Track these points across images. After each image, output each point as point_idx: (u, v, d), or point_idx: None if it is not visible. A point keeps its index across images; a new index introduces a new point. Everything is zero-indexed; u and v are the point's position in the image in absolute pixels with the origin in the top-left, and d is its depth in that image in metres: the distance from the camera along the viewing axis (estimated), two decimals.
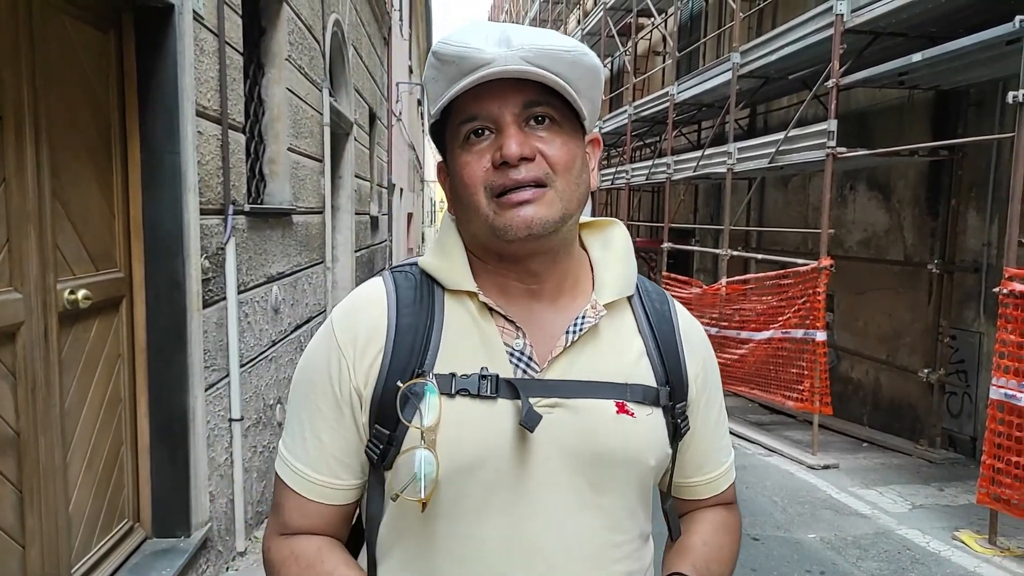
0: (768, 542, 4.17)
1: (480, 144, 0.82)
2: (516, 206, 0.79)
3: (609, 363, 0.86)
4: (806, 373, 6.07)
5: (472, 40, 0.78)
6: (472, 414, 0.80)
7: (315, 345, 0.89)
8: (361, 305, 0.88)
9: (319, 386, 0.86)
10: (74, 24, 2.44)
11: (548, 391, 0.82)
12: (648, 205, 13.98)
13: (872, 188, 7.33)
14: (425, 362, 0.82)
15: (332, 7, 6.53)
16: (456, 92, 0.79)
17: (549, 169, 0.81)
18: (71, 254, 2.40)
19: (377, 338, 0.84)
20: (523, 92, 0.80)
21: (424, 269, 0.89)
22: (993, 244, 5.88)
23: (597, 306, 0.87)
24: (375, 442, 0.82)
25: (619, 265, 0.92)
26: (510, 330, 0.85)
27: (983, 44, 4.46)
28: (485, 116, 0.81)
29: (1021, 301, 3.88)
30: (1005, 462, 3.94)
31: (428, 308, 0.85)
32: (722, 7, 10.63)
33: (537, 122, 0.81)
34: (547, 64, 0.78)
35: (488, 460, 0.80)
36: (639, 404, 0.85)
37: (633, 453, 0.84)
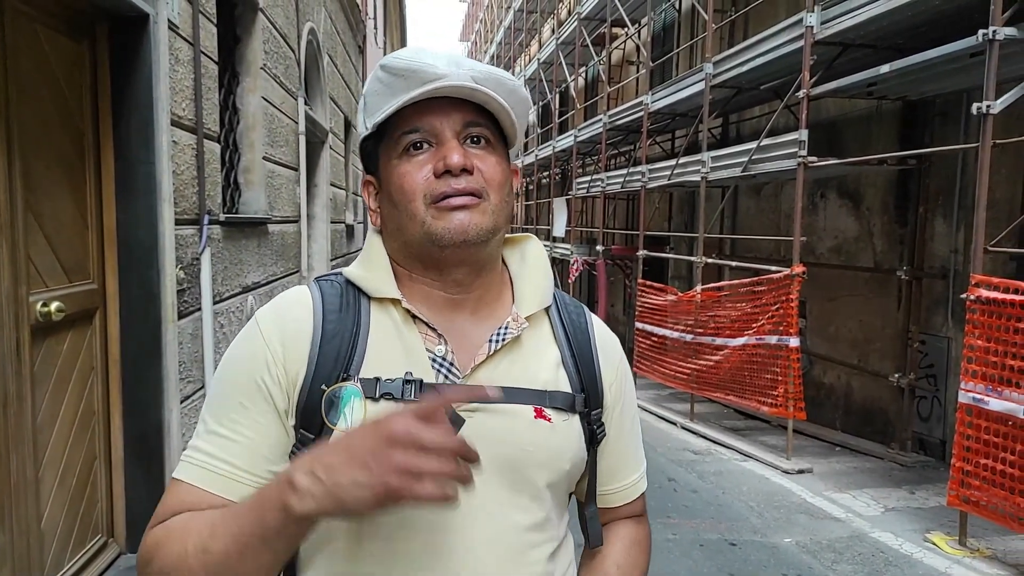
0: (745, 547, 4.21)
1: (419, 156, 0.86)
2: (453, 210, 0.84)
3: (528, 372, 0.89)
4: (780, 379, 6.15)
5: (424, 56, 0.83)
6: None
7: (239, 346, 0.88)
8: (287, 309, 0.89)
9: (244, 384, 0.84)
10: (47, 33, 2.41)
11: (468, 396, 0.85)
12: (623, 213, 14.08)
13: (842, 196, 7.47)
14: (350, 367, 0.83)
15: (307, 16, 6.51)
16: (410, 99, 0.83)
17: (484, 183, 0.86)
18: (44, 266, 2.37)
19: (303, 342, 0.85)
20: (464, 112, 0.86)
21: (349, 278, 0.91)
22: (960, 251, 6.01)
23: (519, 318, 0.91)
24: (299, 448, 0.82)
25: (537, 278, 0.97)
26: (432, 337, 0.87)
27: (948, 56, 4.57)
28: (428, 130, 0.85)
29: (988, 307, 3.97)
30: (974, 465, 4.02)
31: (354, 315, 0.87)
32: (694, 18, 10.77)
33: (473, 142, 0.87)
34: (493, 87, 0.85)
35: None
36: (556, 410, 0.88)
37: (550, 456, 0.87)
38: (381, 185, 0.91)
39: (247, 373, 0.85)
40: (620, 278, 13.56)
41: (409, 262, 0.91)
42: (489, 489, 0.84)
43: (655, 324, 8.75)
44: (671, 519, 4.65)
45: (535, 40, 19.05)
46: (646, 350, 9.00)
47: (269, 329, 0.86)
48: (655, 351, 8.80)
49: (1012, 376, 3.82)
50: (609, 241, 12.17)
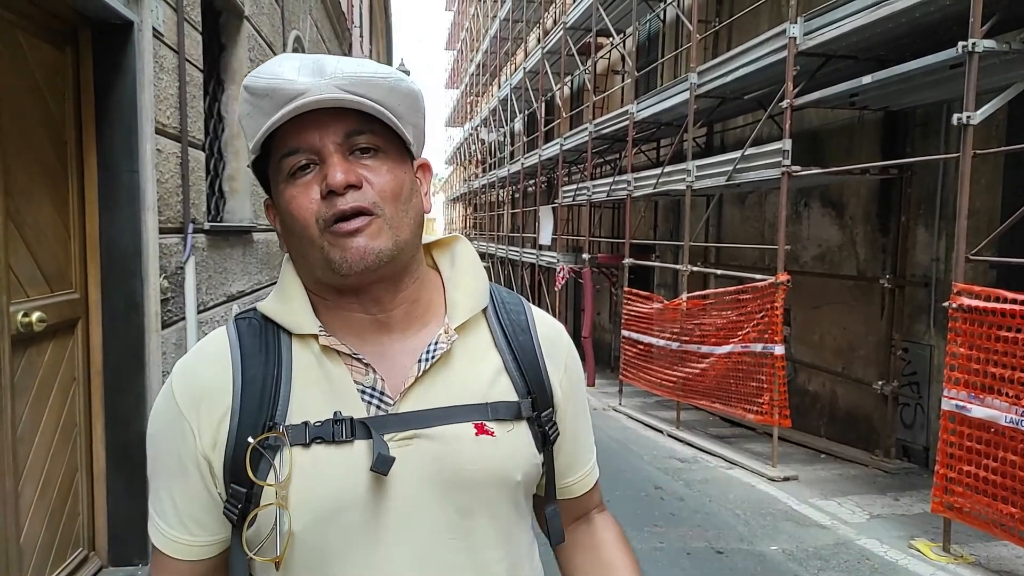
0: (732, 555, 4.21)
1: (305, 177, 0.79)
2: (347, 236, 0.78)
3: (466, 385, 0.85)
4: (765, 386, 6.18)
5: (284, 71, 0.77)
6: (329, 461, 0.78)
7: (158, 408, 0.85)
8: (201, 364, 0.84)
9: (164, 450, 0.83)
10: (29, 40, 2.39)
11: (404, 424, 0.81)
12: (609, 221, 14.14)
13: (826, 205, 7.54)
14: (276, 414, 0.79)
15: (293, 24, 6.50)
16: (271, 126, 0.77)
17: (376, 197, 0.79)
18: (25, 275, 2.33)
19: (222, 397, 0.80)
20: (344, 122, 0.79)
21: (265, 314, 0.85)
22: (941, 259, 6.08)
23: (449, 330, 0.86)
24: (232, 502, 0.79)
25: (468, 281, 0.91)
26: (359, 368, 0.82)
27: (928, 68, 4.64)
28: (307, 148, 0.79)
29: (970, 315, 4.02)
30: (957, 471, 4.06)
31: (275, 356, 0.82)
32: (678, 29, 10.86)
33: (362, 152, 0.80)
34: (363, 91, 0.78)
35: (344, 505, 0.78)
36: (499, 422, 0.84)
37: (497, 472, 0.84)
38: (278, 209, 0.84)
39: (167, 442, 0.82)
40: (606, 286, 13.60)
41: (321, 289, 0.85)
42: (438, 517, 0.81)
43: (641, 332, 8.78)
44: (658, 527, 4.65)
45: (521, 49, 19.12)
46: (632, 358, 9.03)
47: (182, 393, 0.82)
48: (641, 359, 8.82)
49: (994, 383, 3.86)
50: (595, 249, 12.20)
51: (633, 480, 5.80)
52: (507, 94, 18.04)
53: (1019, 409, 3.69)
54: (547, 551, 0.97)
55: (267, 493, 0.77)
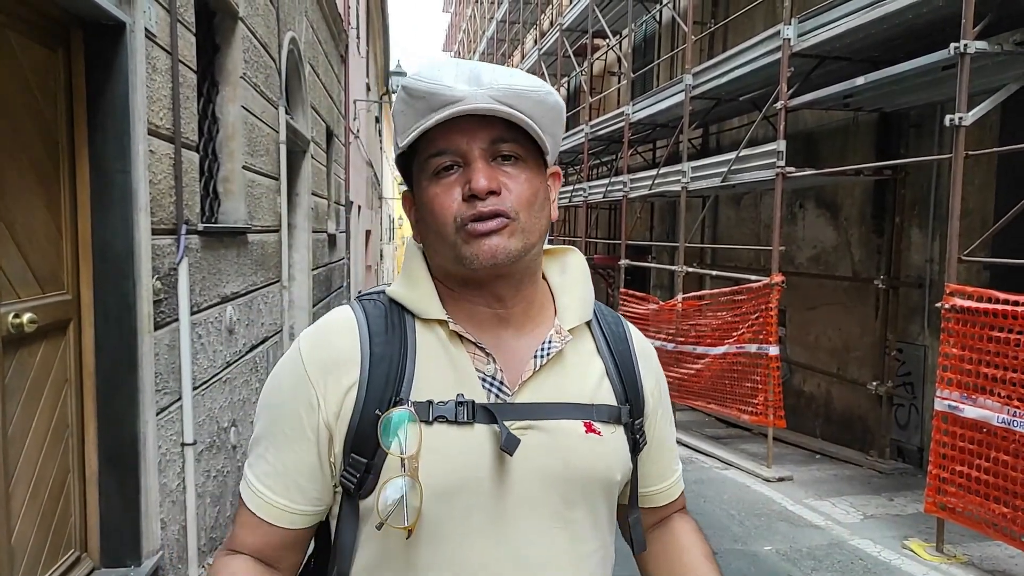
0: (726, 555, 4.22)
1: (449, 177, 0.85)
2: (481, 236, 0.83)
3: (574, 385, 0.90)
4: (760, 387, 6.19)
5: (443, 77, 0.81)
6: (451, 440, 0.83)
7: (283, 371, 0.90)
8: (332, 334, 0.88)
9: (285, 413, 0.87)
10: (20, 40, 2.39)
11: (520, 414, 0.86)
12: (605, 222, 14.15)
13: (820, 206, 7.55)
14: (401, 390, 0.84)
15: (288, 25, 6.50)
16: (426, 127, 0.82)
17: (513, 203, 0.84)
18: (16, 276, 2.33)
19: (351, 368, 0.85)
20: (490, 129, 0.83)
21: (393, 298, 0.91)
22: (935, 260, 6.10)
23: (562, 331, 0.91)
24: (351, 471, 0.83)
25: (579, 290, 0.97)
26: (481, 356, 0.88)
27: (921, 69, 4.66)
28: (454, 151, 0.84)
29: (962, 316, 4.03)
30: (950, 472, 4.07)
31: (400, 337, 0.87)
32: (674, 30, 10.87)
33: (503, 159, 0.85)
34: (515, 103, 0.82)
35: (468, 484, 0.83)
36: (604, 423, 0.89)
37: (601, 470, 0.89)
38: (417, 203, 0.91)
39: (289, 405, 0.86)
40: (602, 287, 13.60)
41: (449, 279, 0.91)
42: (546, 505, 0.86)
43: None
44: None
45: (518, 50, 19.13)
46: None
47: (312, 360, 0.87)
48: None
49: (986, 384, 3.87)
50: (591, 250, 12.20)
51: None
52: None
53: (1011, 409, 3.70)
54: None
55: (390, 465, 0.81)
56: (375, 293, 0.93)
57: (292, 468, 0.86)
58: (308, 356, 0.87)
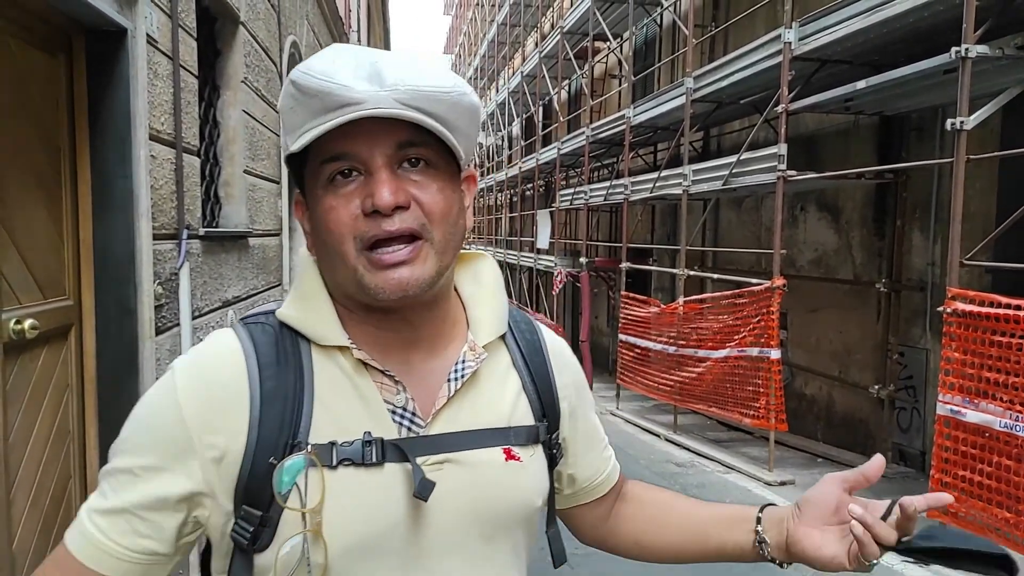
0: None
1: (347, 187, 0.73)
2: (387, 268, 0.72)
3: (491, 407, 0.82)
4: (762, 390, 6.19)
5: (339, 73, 0.70)
6: (358, 486, 0.73)
7: (152, 407, 0.76)
8: (214, 367, 0.75)
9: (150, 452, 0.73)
10: (21, 47, 2.39)
11: (436, 447, 0.77)
12: (607, 225, 14.15)
13: (822, 209, 7.55)
14: (299, 432, 0.73)
15: (289, 29, 6.51)
16: (320, 132, 0.70)
17: (425, 219, 0.74)
18: (17, 282, 2.33)
19: (238, 409, 0.73)
20: (396, 132, 0.72)
21: (285, 322, 0.78)
22: (937, 264, 6.09)
23: (476, 348, 0.83)
24: (243, 525, 0.73)
25: (493, 301, 0.88)
26: (389, 386, 0.78)
27: (923, 73, 4.65)
28: (353, 156, 0.72)
29: (964, 320, 4.03)
30: (953, 476, 4.06)
31: (295, 368, 0.76)
32: (675, 33, 10.89)
33: (411, 164, 0.74)
34: (424, 106, 0.71)
35: (379, 533, 0.74)
36: (523, 447, 0.83)
37: (525, 500, 0.83)
38: (310, 211, 0.78)
39: (157, 442, 0.73)
40: (604, 290, 13.60)
41: (349, 300, 0.79)
42: (466, 545, 0.79)
43: (638, 336, 8.78)
44: None
45: (519, 53, 19.16)
46: (629, 362, 9.03)
47: (190, 397, 0.74)
48: (638, 363, 8.83)
49: (988, 388, 3.87)
50: (593, 253, 12.21)
51: None
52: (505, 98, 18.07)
53: (1013, 414, 3.70)
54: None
55: (292, 518, 0.71)
56: (262, 315, 0.80)
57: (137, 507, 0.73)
58: (185, 392, 0.74)
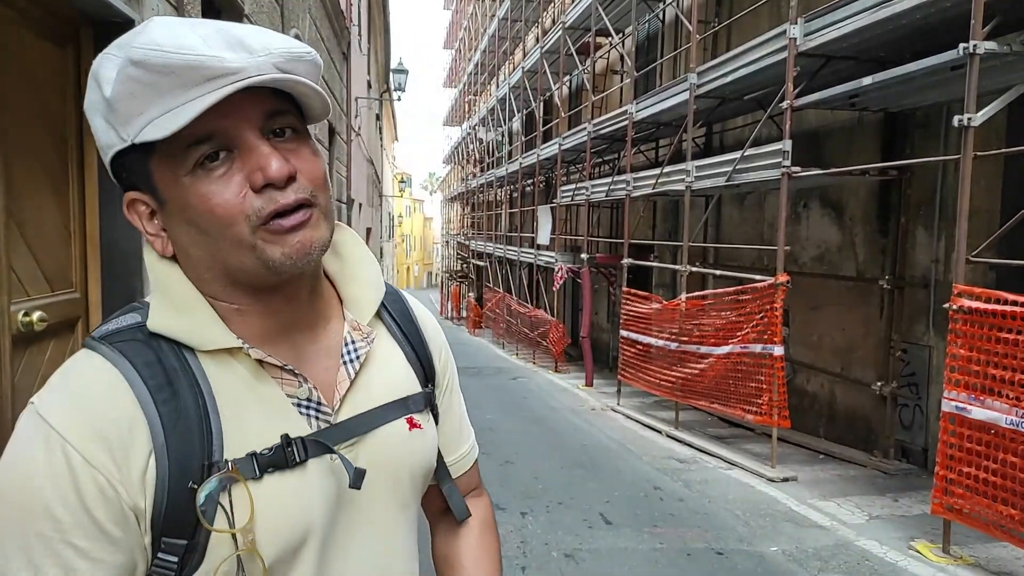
0: (732, 556, 4.21)
1: (219, 169, 0.68)
2: (289, 232, 0.69)
3: (386, 382, 0.84)
4: (764, 387, 6.18)
5: (199, 45, 0.64)
6: (286, 490, 0.72)
7: (31, 464, 0.64)
8: (95, 399, 0.67)
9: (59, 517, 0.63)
10: (30, 38, 2.38)
11: (348, 432, 0.77)
12: (607, 221, 14.14)
13: (825, 206, 7.54)
14: (213, 451, 0.68)
15: (292, 22, 6.48)
16: (206, 104, 0.64)
17: (311, 186, 0.71)
18: (26, 275, 2.32)
19: (138, 438, 0.66)
20: (263, 102, 0.69)
21: (159, 332, 0.71)
22: (941, 261, 6.09)
23: (360, 327, 0.82)
24: (165, 558, 0.67)
25: (366, 276, 0.86)
26: (289, 379, 0.75)
27: (929, 69, 4.64)
28: (222, 134, 0.68)
29: (970, 317, 4.02)
30: (957, 473, 4.06)
31: (189, 383, 0.70)
32: (678, 29, 10.86)
33: (278, 135, 0.71)
34: (295, 68, 0.69)
35: (312, 529, 0.74)
36: (420, 413, 0.86)
37: (427, 462, 0.87)
38: (164, 205, 0.71)
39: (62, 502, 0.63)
40: (604, 286, 13.59)
41: (231, 292, 0.74)
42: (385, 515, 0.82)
43: (640, 332, 8.78)
44: (657, 528, 4.65)
45: (519, 48, 19.12)
46: (631, 358, 9.02)
47: (78, 436, 0.64)
48: (640, 359, 8.83)
49: (994, 385, 3.86)
50: (594, 249, 12.20)
51: (632, 480, 5.80)
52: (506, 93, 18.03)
53: (1019, 411, 3.70)
54: None
55: (222, 540, 0.68)
56: (124, 329, 0.72)
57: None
58: (71, 433, 0.64)
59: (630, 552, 4.28)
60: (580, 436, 7.60)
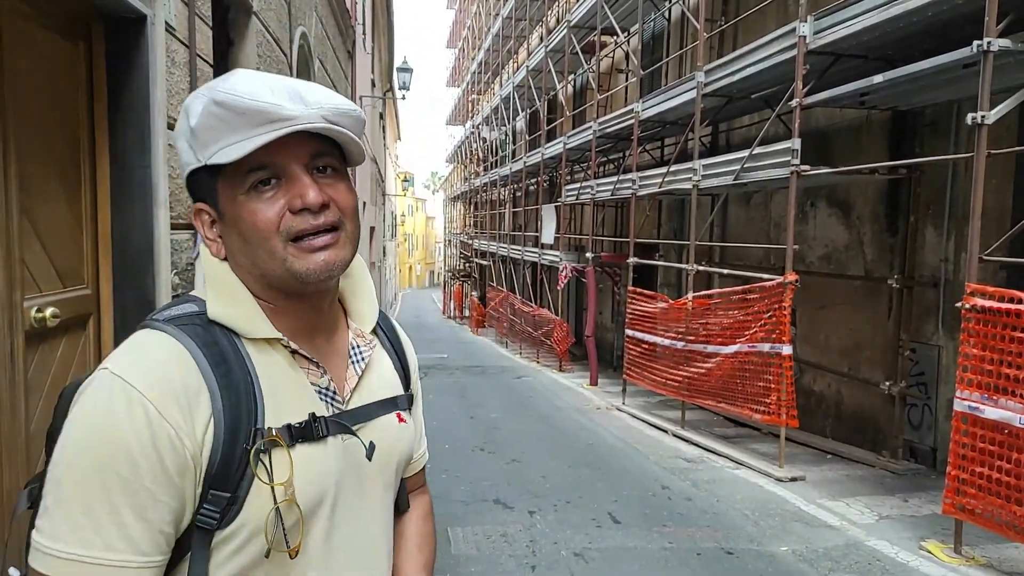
0: (742, 556, 4.19)
1: (269, 192, 0.85)
2: (316, 251, 0.86)
3: (382, 382, 1.01)
4: (773, 386, 6.16)
5: (264, 94, 0.81)
6: (313, 459, 0.87)
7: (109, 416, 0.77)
8: (166, 365, 0.81)
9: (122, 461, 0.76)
10: (43, 34, 2.36)
11: (356, 419, 0.95)
12: (612, 220, 14.11)
13: (832, 205, 7.51)
14: (258, 419, 0.84)
15: (299, 20, 6.47)
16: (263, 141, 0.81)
17: (340, 214, 0.88)
18: (38, 271, 2.31)
19: (201, 402, 0.81)
20: (311, 144, 0.86)
21: (217, 320, 0.87)
22: (950, 260, 6.06)
23: (363, 335, 1.00)
24: (209, 508, 0.81)
25: (369, 294, 1.04)
26: (313, 370, 0.92)
27: (941, 67, 4.61)
28: (275, 165, 0.85)
29: (983, 315, 3.99)
30: (969, 473, 4.03)
31: (240, 363, 0.86)
32: (683, 28, 10.83)
33: (320, 171, 0.88)
34: (340, 121, 0.86)
35: (330, 494, 0.89)
36: (406, 411, 1.04)
37: (409, 452, 1.05)
38: (223, 217, 0.88)
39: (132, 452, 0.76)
40: (609, 286, 13.56)
41: (269, 293, 0.91)
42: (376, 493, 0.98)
43: (645, 331, 8.75)
44: (667, 527, 4.63)
45: (523, 47, 19.08)
46: (636, 357, 9.00)
47: (154, 394, 0.78)
48: (645, 358, 8.80)
49: (1007, 384, 3.84)
50: (598, 248, 12.17)
51: (640, 479, 5.78)
52: (510, 92, 18.01)
53: None
54: None
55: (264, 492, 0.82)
56: (185, 316, 0.87)
57: (155, 518, 0.77)
58: (147, 390, 0.78)
59: (640, 551, 4.26)
60: (586, 435, 7.58)
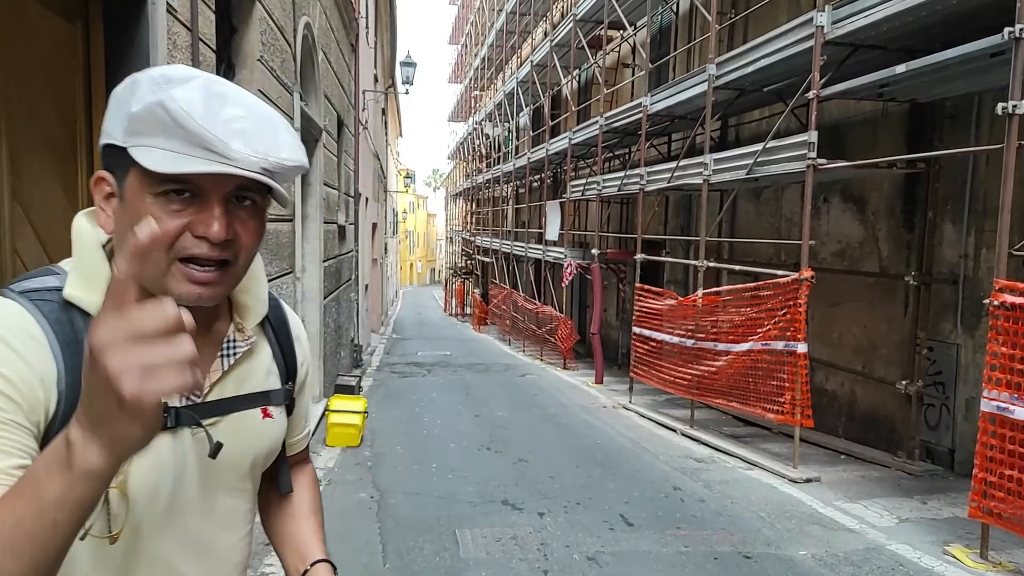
0: (761, 560, 4.06)
1: (177, 204, 0.81)
2: (195, 283, 0.83)
3: (253, 376, 1.01)
4: (787, 385, 6.02)
5: (215, 125, 0.78)
6: (157, 446, 0.87)
7: None
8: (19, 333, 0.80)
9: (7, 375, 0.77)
10: (39, 12, 2.22)
11: (212, 412, 0.94)
12: (617, 216, 13.97)
13: (846, 200, 7.37)
14: None
15: (303, 10, 6.33)
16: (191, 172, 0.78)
17: (238, 250, 0.86)
18: (32, 260, 2.18)
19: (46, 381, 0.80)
20: (238, 180, 0.82)
21: (72, 301, 0.85)
22: (970, 256, 5.91)
23: (244, 330, 0.99)
24: None
25: (257, 289, 1.02)
26: None
27: (967, 56, 4.47)
28: (197, 186, 0.81)
29: (1012, 313, 3.86)
30: (998, 475, 3.90)
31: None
32: (692, 21, 10.68)
33: (238, 200, 0.85)
34: (281, 174, 0.85)
35: (172, 483, 0.90)
36: (275, 406, 1.04)
37: (273, 447, 1.05)
38: (122, 200, 0.83)
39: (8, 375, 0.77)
40: (613, 282, 13.43)
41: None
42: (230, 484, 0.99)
43: (653, 329, 8.62)
44: (681, 530, 4.50)
45: (527, 43, 18.92)
46: (643, 355, 8.87)
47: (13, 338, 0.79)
48: (652, 356, 8.67)
49: None
50: (604, 245, 12.03)
51: (651, 480, 5.65)
52: (513, 88, 17.86)
53: None
54: None
55: None
56: (45, 291, 0.85)
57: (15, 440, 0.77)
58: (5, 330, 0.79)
59: (655, 555, 4.13)
60: (593, 434, 7.45)
